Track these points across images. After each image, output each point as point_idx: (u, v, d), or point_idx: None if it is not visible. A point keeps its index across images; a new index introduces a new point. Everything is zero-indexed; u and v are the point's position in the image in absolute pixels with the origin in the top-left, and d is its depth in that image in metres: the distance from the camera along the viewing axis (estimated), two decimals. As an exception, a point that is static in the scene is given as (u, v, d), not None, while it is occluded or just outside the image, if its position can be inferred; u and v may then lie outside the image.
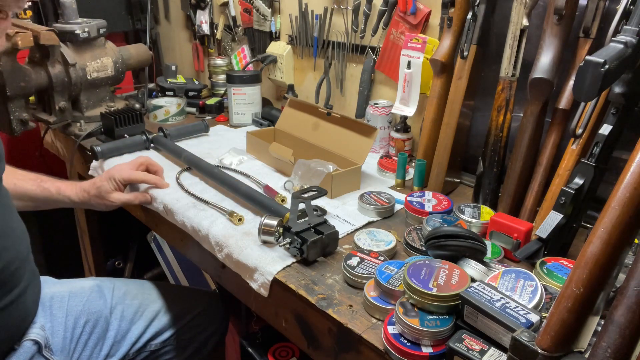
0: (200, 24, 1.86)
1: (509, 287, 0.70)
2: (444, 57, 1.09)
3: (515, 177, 0.99)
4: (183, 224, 1.04)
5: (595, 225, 0.51)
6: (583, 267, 0.50)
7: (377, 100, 1.37)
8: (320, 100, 1.54)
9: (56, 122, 1.45)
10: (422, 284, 0.69)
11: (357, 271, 0.81)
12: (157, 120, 1.63)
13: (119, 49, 1.60)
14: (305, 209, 0.93)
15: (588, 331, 0.53)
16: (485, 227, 0.94)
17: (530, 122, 0.96)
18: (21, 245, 0.90)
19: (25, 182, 1.06)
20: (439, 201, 1.03)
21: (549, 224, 0.83)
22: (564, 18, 0.90)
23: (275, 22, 1.62)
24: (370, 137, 1.15)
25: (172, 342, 1.14)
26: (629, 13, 0.76)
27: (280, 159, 1.23)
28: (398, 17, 1.28)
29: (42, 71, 1.39)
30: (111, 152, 1.32)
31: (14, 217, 0.91)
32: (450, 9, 1.08)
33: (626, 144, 0.79)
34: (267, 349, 1.41)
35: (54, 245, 1.93)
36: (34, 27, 1.36)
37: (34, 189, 1.05)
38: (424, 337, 0.66)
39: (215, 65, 1.79)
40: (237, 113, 1.58)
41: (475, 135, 1.17)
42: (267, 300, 0.88)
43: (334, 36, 1.46)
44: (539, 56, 0.93)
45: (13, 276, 0.86)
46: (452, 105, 1.09)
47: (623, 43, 0.70)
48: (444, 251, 0.78)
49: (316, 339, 0.82)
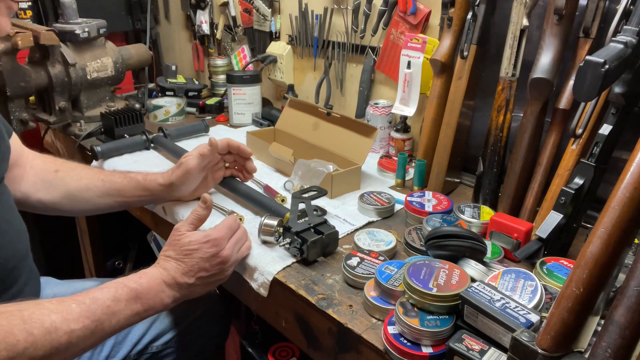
0: (200, 24, 1.86)
1: (509, 287, 0.70)
2: (444, 57, 1.09)
3: (515, 177, 0.99)
4: (183, 224, 1.04)
5: (595, 225, 0.51)
6: (583, 267, 0.50)
7: (377, 100, 1.37)
8: (320, 100, 1.54)
9: (56, 122, 1.45)
10: (422, 284, 0.69)
11: (357, 271, 0.81)
12: (157, 120, 1.63)
13: (119, 49, 1.60)
14: (305, 209, 0.93)
15: (588, 331, 0.52)
16: (485, 227, 0.94)
17: (530, 122, 0.96)
18: (20, 244, 0.90)
19: (112, 176, 1.05)
20: (439, 201, 1.03)
21: (549, 224, 0.83)
22: (564, 18, 0.90)
23: (275, 22, 1.62)
24: (370, 137, 1.15)
25: (173, 344, 1.14)
26: (629, 13, 0.76)
27: (280, 159, 1.23)
28: (398, 17, 1.28)
29: (42, 71, 1.39)
30: (111, 152, 1.32)
31: (14, 216, 0.91)
32: (450, 9, 1.08)
33: (626, 144, 0.79)
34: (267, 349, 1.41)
35: (54, 245, 1.93)
36: (34, 27, 1.36)
37: (120, 181, 1.03)
38: (424, 337, 0.66)
39: (215, 65, 1.79)
40: (237, 113, 1.58)
41: (475, 135, 1.17)
42: (267, 300, 0.88)
43: (334, 36, 1.46)
44: (539, 56, 0.93)
45: (10, 274, 0.86)
46: (452, 105, 1.09)
47: (623, 43, 0.70)
48: (444, 251, 0.78)
49: (316, 339, 0.82)
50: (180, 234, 0.83)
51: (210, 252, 0.82)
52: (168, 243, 0.84)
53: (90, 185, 1.02)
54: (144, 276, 0.79)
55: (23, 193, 0.99)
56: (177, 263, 0.81)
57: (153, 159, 1.33)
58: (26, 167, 1.01)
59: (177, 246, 0.82)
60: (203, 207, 0.86)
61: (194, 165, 1.01)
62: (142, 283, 0.78)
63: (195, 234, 0.83)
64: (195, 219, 0.86)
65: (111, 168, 1.27)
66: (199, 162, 1.01)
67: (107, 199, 1.03)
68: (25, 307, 0.67)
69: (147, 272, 0.80)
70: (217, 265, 0.83)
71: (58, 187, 1.01)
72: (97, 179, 1.03)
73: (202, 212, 0.86)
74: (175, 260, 0.81)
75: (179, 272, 0.81)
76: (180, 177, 1.01)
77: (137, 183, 1.03)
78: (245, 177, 1.13)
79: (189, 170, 1.01)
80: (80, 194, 1.02)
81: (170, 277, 0.80)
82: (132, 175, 1.04)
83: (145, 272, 0.80)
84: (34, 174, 1.01)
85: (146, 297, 0.78)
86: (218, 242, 0.82)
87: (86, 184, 1.02)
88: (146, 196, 1.04)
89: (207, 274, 0.82)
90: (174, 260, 0.81)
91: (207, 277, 0.83)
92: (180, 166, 1.02)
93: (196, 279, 0.81)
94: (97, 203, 1.03)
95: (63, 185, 1.02)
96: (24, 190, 1.00)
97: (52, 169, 1.03)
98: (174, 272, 0.81)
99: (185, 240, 0.82)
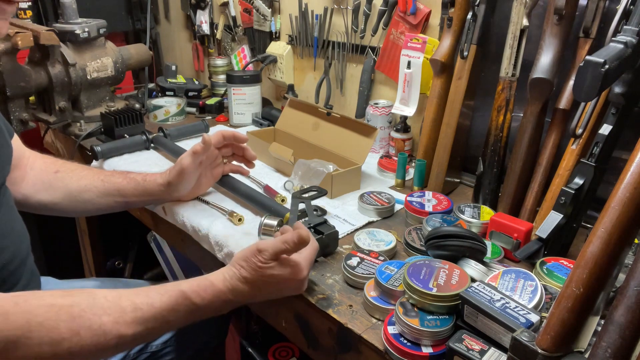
0: (200, 24, 1.86)
1: (509, 287, 0.70)
2: (444, 57, 1.09)
3: (515, 177, 0.99)
4: (183, 224, 1.04)
5: (595, 225, 0.51)
6: (583, 267, 0.50)
7: (377, 100, 1.37)
8: (320, 100, 1.54)
9: (56, 122, 1.45)
10: (422, 284, 0.69)
11: (357, 271, 0.81)
12: (157, 120, 1.63)
13: (119, 49, 1.60)
14: (305, 209, 0.93)
15: (588, 331, 0.52)
16: (485, 227, 0.94)
17: (530, 122, 0.96)
18: (21, 245, 0.90)
19: (112, 176, 1.04)
20: (439, 201, 1.03)
21: (549, 224, 0.83)
22: (564, 18, 0.90)
23: (275, 22, 1.62)
24: (370, 137, 1.15)
25: (172, 343, 1.14)
26: (629, 13, 0.76)
27: (280, 159, 1.23)
28: (398, 17, 1.28)
29: (42, 71, 1.39)
30: (111, 152, 1.32)
31: (15, 218, 0.91)
32: (450, 9, 1.08)
33: (626, 144, 0.79)
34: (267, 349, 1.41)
35: (54, 245, 1.93)
36: (34, 27, 1.36)
37: (120, 181, 1.03)
38: (424, 337, 0.66)
39: (215, 65, 1.79)
40: (237, 113, 1.58)
41: (475, 135, 1.17)
42: (267, 300, 0.88)
43: (334, 36, 1.46)
44: (539, 56, 0.93)
45: (12, 276, 0.86)
46: (452, 105, 1.09)
47: (623, 43, 0.70)
48: (444, 251, 0.79)
49: (316, 339, 0.82)
50: (263, 261, 0.73)
51: (290, 283, 0.76)
52: (247, 261, 0.74)
53: (90, 186, 1.02)
54: (209, 291, 0.73)
55: (23, 194, 0.99)
56: (252, 289, 0.75)
57: (153, 159, 1.33)
58: (27, 169, 1.01)
59: (258, 274, 0.74)
60: (295, 245, 0.74)
61: (187, 163, 1.00)
62: (206, 298, 0.72)
63: (281, 270, 0.74)
64: (282, 251, 0.74)
65: (111, 168, 1.27)
66: (193, 160, 1.00)
67: (107, 199, 1.03)
68: (77, 302, 0.65)
69: (215, 286, 0.74)
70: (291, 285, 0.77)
71: (58, 188, 1.01)
72: (97, 179, 1.03)
73: (292, 250, 0.74)
74: (250, 286, 0.74)
75: (249, 296, 0.75)
76: (176, 177, 1.01)
77: (137, 183, 1.03)
78: (248, 167, 1.11)
79: (184, 169, 1.00)
80: (80, 194, 1.02)
81: (237, 298, 0.75)
82: (132, 176, 1.04)
83: (212, 285, 0.74)
84: (34, 175, 1.01)
85: (205, 311, 0.74)
86: (301, 274, 0.76)
87: (86, 185, 1.02)
88: (146, 196, 1.04)
89: (279, 293, 0.78)
90: (249, 286, 0.74)
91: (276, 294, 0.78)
92: (175, 166, 1.01)
93: (263, 297, 0.77)
94: (97, 203, 1.03)
95: (63, 186, 1.02)
96: (24, 192, 1.00)
97: (52, 169, 1.03)
98: (243, 295, 0.75)
99: (268, 273, 0.74)
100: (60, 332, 0.62)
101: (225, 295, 0.74)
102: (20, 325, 0.60)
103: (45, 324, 0.62)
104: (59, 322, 0.62)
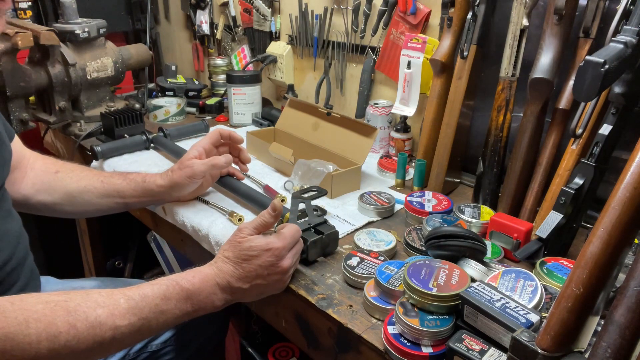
0: (200, 24, 1.86)
1: (509, 287, 0.70)
2: (444, 57, 1.09)
3: (515, 177, 0.99)
4: (183, 224, 1.04)
5: (595, 225, 0.51)
6: (583, 267, 0.50)
7: (377, 100, 1.37)
8: (320, 100, 1.54)
9: (56, 122, 1.45)
10: (422, 284, 0.69)
11: (357, 271, 0.81)
12: (157, 120, 1.63)
13: (119, 49, 1.60)
14: (305, 209, 0.93)
15: (588, 331, 0.53)
16: (485, 227, 0.94)
17: (530, 122, 0.96)
18: (18, 247, 0.90)
19: (112, 177, 1.05)
20: (439, 201, 1.03)
21: (549, 224, 0.83)
22: (564, 18, 0.90)
23: (275, 22, 1.62)
24: (370, 137, 1.15)
25: (172, 343, 1.14)
26: (629, 13, 0.76)
27: (280, 159, 1.23)
28: (398, 17, 1.28)
29: (42, 71, 1.39)
30: (111, 152, 1.32)
31: (12, 219, 0.91)
32: (450, 9, 1.08)
33: (626, 144, 0.79)
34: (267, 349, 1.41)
35: (54, 245, 1.93)
36: (34, 27, 1.36)
37: (120, 182, 1.03)
38: (424, 337, 0.66)
39: (215, 65, 1.79)
40: (237, 113, 1.58)
41: (475, 135, 1.17)
42: (267, 300, 0.88)
43: (334, 36, 1.46)
44: (539, 56, 0.93)
45: (9, 276, 0.86)
46: (452, 105, 1.09)
47: (623, 43, 0.70)
48: (444, 251, 0.79)
49: (316, 339, 0.82)
50: (242, 236, 0.79)
51: (270, 261, 0.78)
52: (229, 242, 0.80)
53: (90, 187, 1.02)
54: (197, 275, 0.76)
55: (23, 195, 0.99)
56: (235, 267, 0.78)
57: (153, 159, 1.33)
58: (27, 169, 1.01)
59: (238, 249, 0.78)
60: (271, 215, 0.80)
61: (200, 171, 1.01)
62: (195, 283, 0.75)
63: (258, 240, 0.78)
64: (261, 224, 0.80)
65: (111, 168, 1.27)
66: (206, 170, 1.02)
67: (107, 200, 1.03)
68: (71, 297, 0.66)
69: (202, 271, 0.77)
70: (275, 275, 0.79)
71: (58, 189, 1.02)
72: (97, 180, 1.03)
73: (269, 220, 0.81)
74: (233, 263, 0.78)
75: (235, 276, 0.77)
76: (185, 178, 1.01)
77: (137, 184, 1.03)
78: (242, 169, 1.12)
79: (195, 174, 1.00)
80: (80, 195, 1.02)
81: (224, 280, 0.77)
82: (131, 177, 1.04)
83: (199, 270, 0.77)
84: (34, 175, 1.01)
85: (197, 297, 0.75)
86: (279, 251, 0.78)
87: (85, 185, 1.02)
88: (146, 197, 1.04)
89: (264, 282, 0.79)
90: (232, 263, 0.78)
91: (263, 286, 0.80)
92: (185, 168, 1.01)
93: (251, 285, 0.78)
94: (97, 204, 1.03)
95: (63, 186, 1.02)
96: (24, 192, 1.00)
97: (52, 170, 1.03)
98: (230, 275, 0.77)
99: (246, 245, 0.78)
100: (57, 326, 0.62)
101: (213, 277, 0.77)
102: (18, 322, 0.61)
103: (42, 319, 0.62)
104: (55, 317, 0.63)
